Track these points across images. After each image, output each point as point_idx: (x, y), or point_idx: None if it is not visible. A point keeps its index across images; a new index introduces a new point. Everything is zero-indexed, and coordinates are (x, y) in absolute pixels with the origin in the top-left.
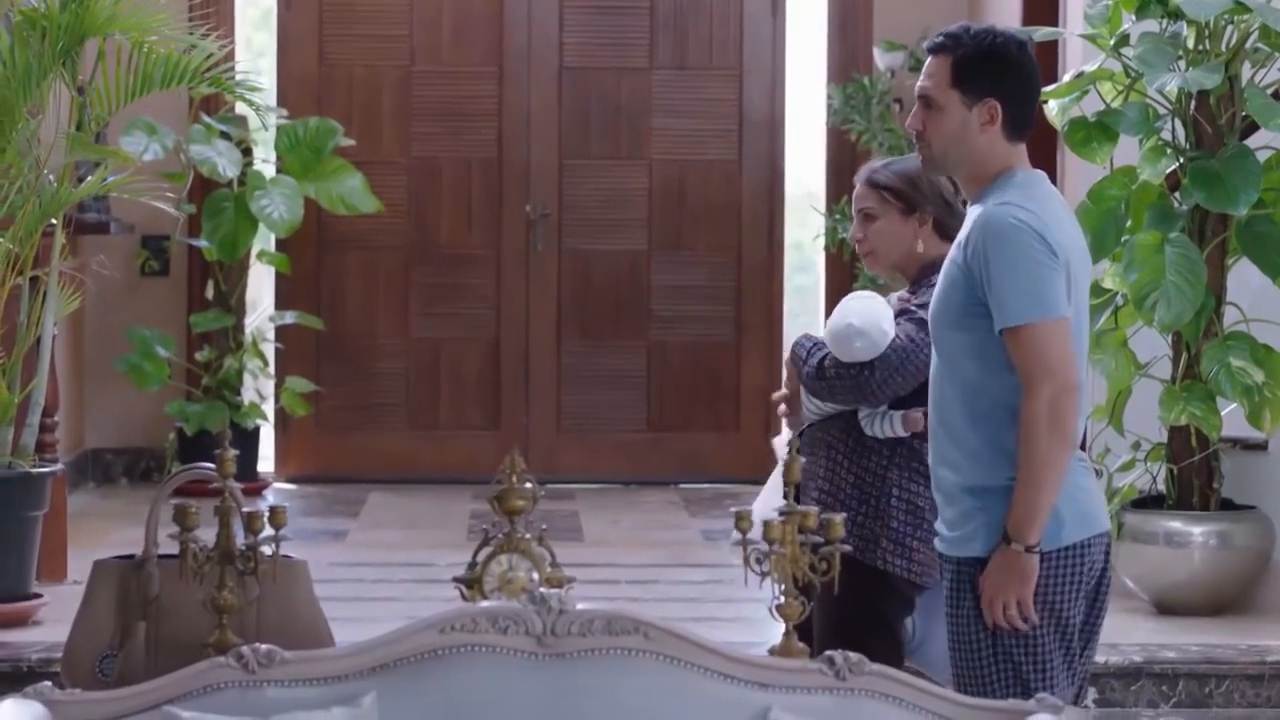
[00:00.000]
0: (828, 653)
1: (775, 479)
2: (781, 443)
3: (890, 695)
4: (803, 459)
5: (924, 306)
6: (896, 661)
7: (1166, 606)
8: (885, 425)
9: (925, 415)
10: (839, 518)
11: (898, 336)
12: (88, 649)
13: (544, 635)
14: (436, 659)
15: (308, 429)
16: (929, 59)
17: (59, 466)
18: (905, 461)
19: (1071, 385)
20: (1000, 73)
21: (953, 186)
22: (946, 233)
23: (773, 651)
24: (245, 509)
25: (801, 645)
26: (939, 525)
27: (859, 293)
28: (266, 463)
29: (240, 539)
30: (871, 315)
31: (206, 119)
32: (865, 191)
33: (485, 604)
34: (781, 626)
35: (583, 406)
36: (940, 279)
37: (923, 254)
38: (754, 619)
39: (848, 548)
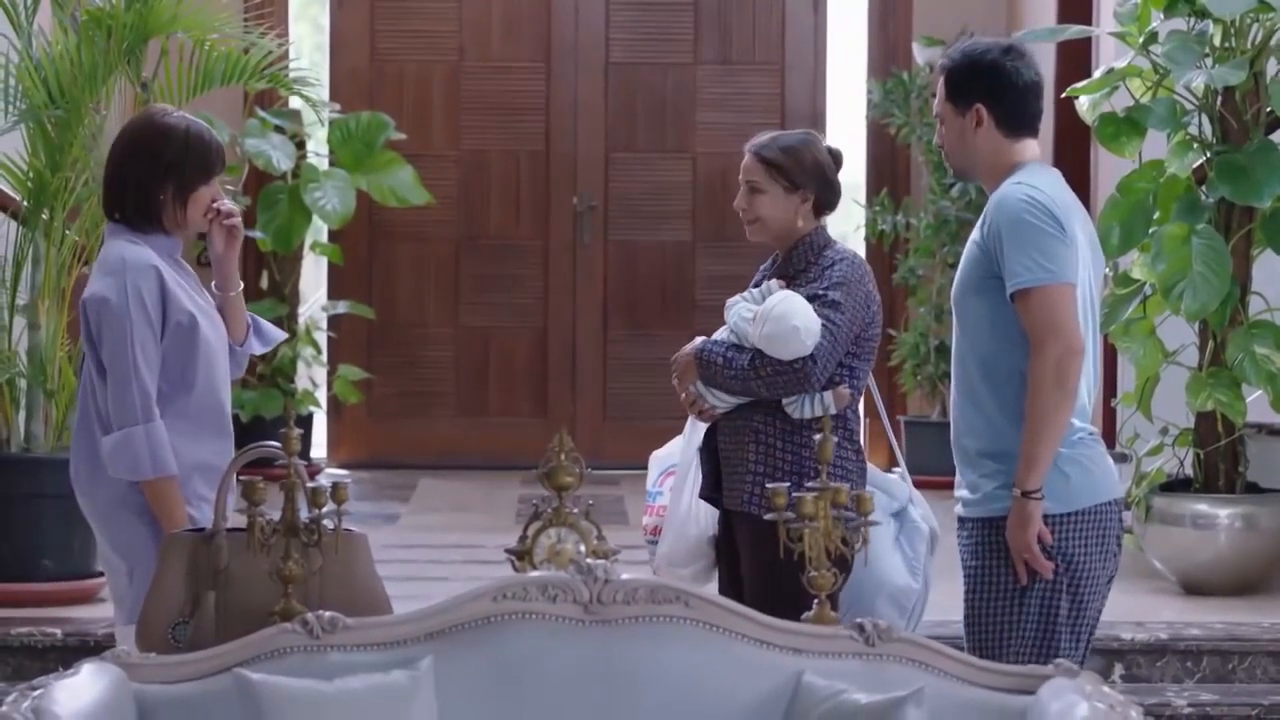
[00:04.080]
0: (858, 620)
1: (680, 441)
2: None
3: (916, 660)
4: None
5: (831, 289)
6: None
7: (1193, 586)
8: (817, 406)
9: (850, 390)
10: (868, 494)
11: (824, 324)
12: (161, 617)
13: (591, 603)
14: (490, 625)
15: (359, 416)
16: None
17: None
18: (835, 433)
19: (1077, 347)
20: (982, 79)
21: (833, 162)
22: (822, 209)
23: (806, 619)
24: (309, 485)
25: (833, 614)
26: (958, 491)
27: (779, 293)
28: (319, 449)
29: (304, 513)
30: (809, 313)
31: (261, 113)
32: (753, 165)
33: (535, 574)
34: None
35: (628, 394)
36: (963, 258)
37: (801, 228)
38: None
39: (878, 521)
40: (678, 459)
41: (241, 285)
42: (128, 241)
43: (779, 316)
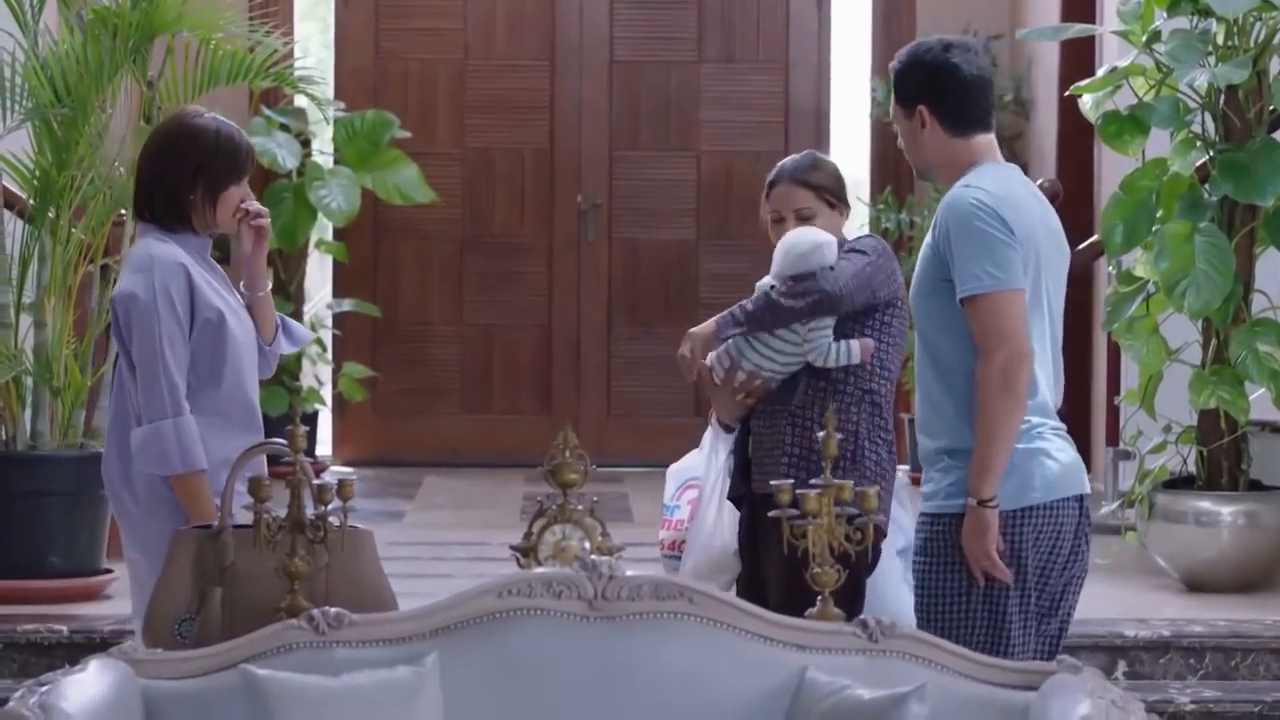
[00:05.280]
0: (861, 616)
1: (698, 455)
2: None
3: (919, 656)
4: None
5: (854, 248)
6: (860, 606)
7: (1196, 583)
8: (841, 354)
9: (875, 343)
10: (872, 490)
11: (844, 260)
12: (167, 613)
13: (595, 599)
14: (495, 621)
15: (364, 413)
16: None
17: None
18: (870, 419)
19: (1024, 351)
20: (921, 79)
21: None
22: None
23: (810, 616)
24: (315, 482)
25: (837, 610)
26: (921, 489)
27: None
28: (325, 446)
29: (310, 510)
30: (820, 231)
31: (267, 111)
32: (801, 193)
33: (540, 570)
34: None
35: (632, 392)
36: (918, 260)
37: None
38: None
39: (883, 518)
40: (698, 472)
41: (270, 285)
42: (156, 240)
43: (791, 233)
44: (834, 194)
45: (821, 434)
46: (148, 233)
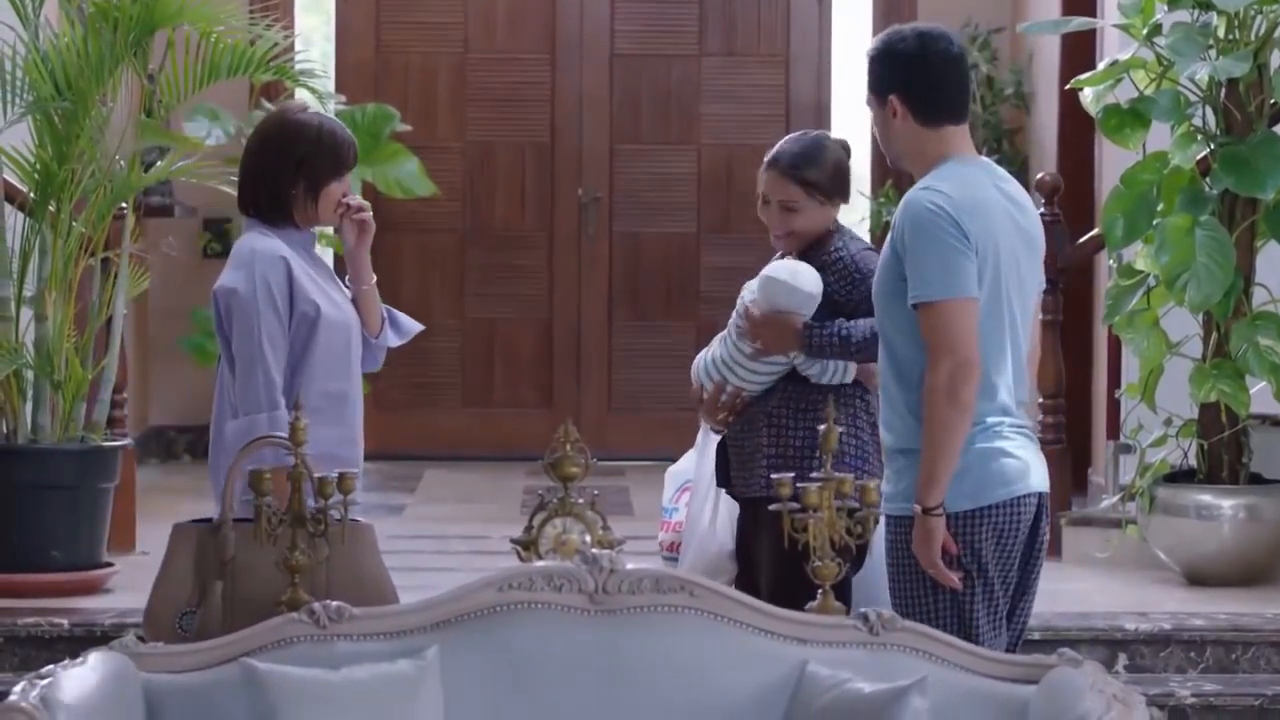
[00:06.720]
0: (862, 610)
1: (695, 452)
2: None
3: (920, 649)
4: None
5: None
6: (845, 600)
7: (1197, 577)
8: (837, 374)
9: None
10: (874, 484)
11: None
12: (168, 607)
13: (596, 593)
14: (496, 615)
15: (365, 407)
16: None
17: (128, 441)
18: (846, 405)
19: (971, 361)
20: (894, 68)
21: (846, 158)
22: (841, 205)
23: (811, 609)
24: (316, 475)
25: (838, 604)
26: (882, 488)
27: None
28: None
29: (311, 503)
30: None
31: (267, 105)
32: (786, 185)
33: (541, 564)
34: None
35: (633, 385)
36: (879, 260)
37: (827, 229)
38: None
39: (882, 513)
40: (694, 474)
41: (375, 279)
42: (260, 234)
43: (800, 272)
44: (826, 190)
45: (795, 433)
46: (252, 227)
